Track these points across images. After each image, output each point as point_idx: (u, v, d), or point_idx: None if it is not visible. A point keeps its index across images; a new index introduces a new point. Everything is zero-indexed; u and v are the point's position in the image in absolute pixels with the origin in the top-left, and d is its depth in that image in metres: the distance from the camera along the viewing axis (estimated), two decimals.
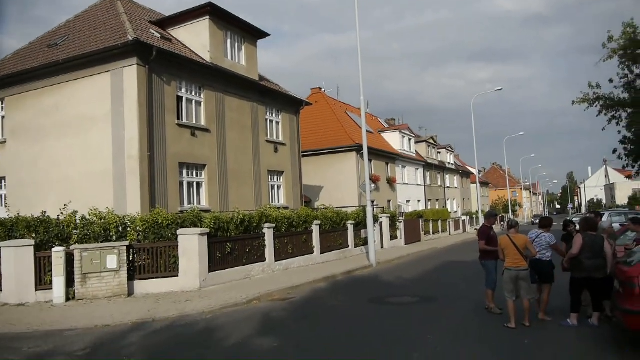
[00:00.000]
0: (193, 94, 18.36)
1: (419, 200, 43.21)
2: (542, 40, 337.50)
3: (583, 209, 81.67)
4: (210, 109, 18.96)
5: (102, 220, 12.45)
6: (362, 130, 19.78)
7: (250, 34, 21.43)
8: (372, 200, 33.10)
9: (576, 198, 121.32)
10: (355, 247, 22.29)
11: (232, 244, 14.33)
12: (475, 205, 53.14)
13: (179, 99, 17.68)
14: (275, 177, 23.02)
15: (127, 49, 15.60)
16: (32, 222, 12.09)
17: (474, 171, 51.85)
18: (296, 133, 24.88)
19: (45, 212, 12.43)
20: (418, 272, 16.47)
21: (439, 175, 50.45)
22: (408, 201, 40.87)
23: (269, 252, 16.02)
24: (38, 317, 9.93)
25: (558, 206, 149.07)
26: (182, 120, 17.59)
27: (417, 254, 23.94)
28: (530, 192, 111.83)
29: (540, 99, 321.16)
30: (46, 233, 12.00)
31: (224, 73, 19.50)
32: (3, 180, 18.91)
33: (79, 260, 11.63)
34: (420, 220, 33.46)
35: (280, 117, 23.61)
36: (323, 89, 39.11)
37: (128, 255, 12.23)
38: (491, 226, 9.90)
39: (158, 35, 18.06)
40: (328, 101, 37.20)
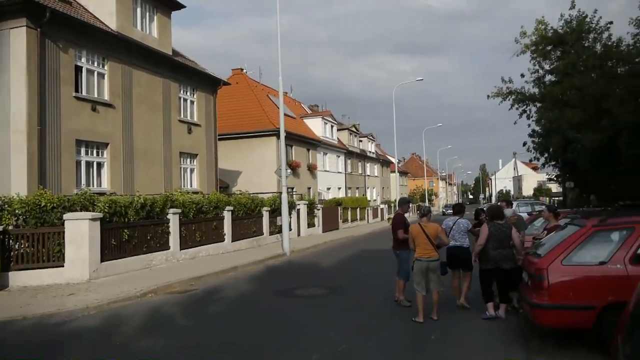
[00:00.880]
0: (95, 64, 16.63)
1: (339, 188, 43.18)
2: (463, 36, 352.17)
3: (493, 199, 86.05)
4: (115, 83, 17.31)
5: None
6: (280, 110, 18.89)
7: (163, 3, 19.82)
8: (292, 187, 32.55)
9: (487, 189, 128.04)
10: (270, 234, 21.55)
11: (130, 231, 13.07)
12: (395, 194, 54.16)
13: (78, 69, 15.92)
14: (188, 160, 21.68)
15: (14, 7, 13.78)
16: None
17: (394, 160, 52.72)
18: (213, 114, 23.56)
19: None
20: (332, 261, 16.02)
21: (359, 164, 50.77)
22: (328, 188, 40.68)
23: (174, 239, 14.88)
24: None
25: (471, 196, 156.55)
26: (81, 93, 15.87)
27: (333, 242, 23.61)
28: (446, 182, 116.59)
29: (459, 93, 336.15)
30: None
31: (132, 44, 17.86)
32: None
33: None
34: (339, 208, 33.30)
35: (195, 96, 22.21)
36: (245, 70, 37.67)
37: (2, 242, 10.68)
38: (404, 214, 9.45)
39: None
40: (250, 83, 35.92)
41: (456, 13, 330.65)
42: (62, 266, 11.40)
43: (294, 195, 29.31)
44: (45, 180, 14.13)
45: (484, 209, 9.71)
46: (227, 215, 17.97)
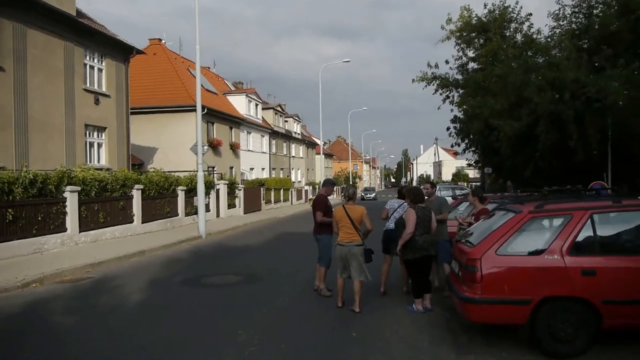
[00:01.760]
0: None
1: (263, 169, 42.04)
2: (389, 24, 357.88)
3: (414, 183, 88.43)
4: (5, 42, 15.09)
5: None
6: (197, 79, 17.40)
7: None
8: (213, 167, 31.04)
9: (409, 173, 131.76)
10: (186, 216, 20.18)
11: (16, 210, 11.36)
12: (319, 176, 53.77)
13: None
14: (95, 133, 19.71)
15: None
16: None
17: (320, 142, 52.22)
18: (124, 84, 21.55)
19: None
20: (250, 244, 15.06)
21: (284, 144, 49.80)
22: (252, 169, 39.45)
23: (72, 220, 13.25)
24: None
25: (393, 180, 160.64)
26: None
27: (254, 223, 22.61)
28: (370, 165, 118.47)
29: (385, 79, 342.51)
30: None
31: None
32: None
33: None
34: (262, 189, 32.22)
35: (103, 64, 20.14)
36: (164, 41, 35.24)
37: None
38: (328, 196, 8.63)
39: None
40: (168, 55, 33.65)
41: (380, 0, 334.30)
42: None
43: (214, 175, 27.86)
44: None
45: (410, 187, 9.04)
46: (137, 195, 16.43)
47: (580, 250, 5.15)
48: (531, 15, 25.68)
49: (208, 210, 22.07)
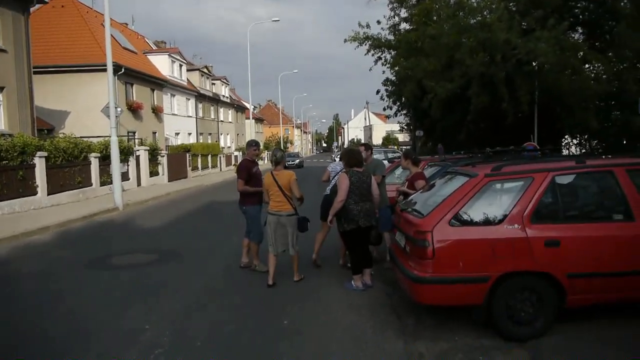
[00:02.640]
0: None
1: (189, 134, 39.89)
2: None
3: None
4: None
5: None
6: (106, 29, 15.39)
7: None
8: (133, 132, 28.80)
9: (340, 138, 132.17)
10: (102, 185, 18.38)
11: None
12: None
13: None
14: None
15: None
16: None
17: (249, 106, 50.38)
18: (24, 39, 18.94)
19: None
20: (172, 216, 13.77)
21: (212, 108, 47.53)
22: (177, 134, 37.27)
23: None
24: None
25: (325, 145, 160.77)
26: None
27: (179, 192, 21.13)
28: (301, 130, 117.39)
29: (315, 42, 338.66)
30: None
31: None
32: None
33: None
34: (188, 155, 30.41)
35: None
36: None
37: None
38: (253, 160, 7.57)
39: None
40: (79, 8, 30.42)
41: None
42: None
43: (135, 140, 25.81)
44: None
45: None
46: (40, 163, 14.53)
47: (542, 218, 4.51)
48: None
49: (127, 179, 20.38)
